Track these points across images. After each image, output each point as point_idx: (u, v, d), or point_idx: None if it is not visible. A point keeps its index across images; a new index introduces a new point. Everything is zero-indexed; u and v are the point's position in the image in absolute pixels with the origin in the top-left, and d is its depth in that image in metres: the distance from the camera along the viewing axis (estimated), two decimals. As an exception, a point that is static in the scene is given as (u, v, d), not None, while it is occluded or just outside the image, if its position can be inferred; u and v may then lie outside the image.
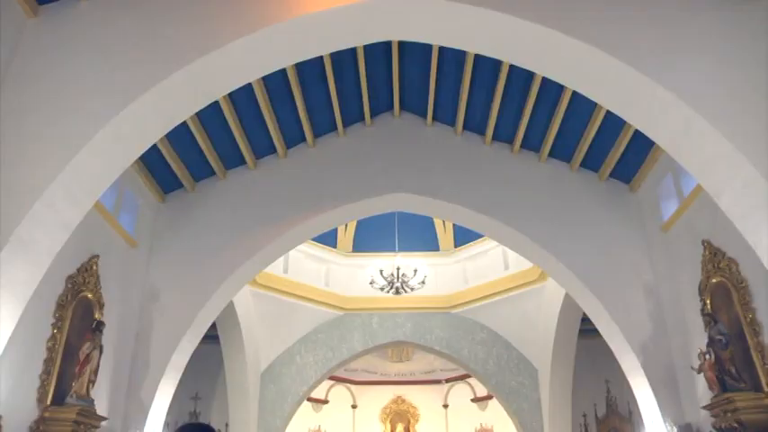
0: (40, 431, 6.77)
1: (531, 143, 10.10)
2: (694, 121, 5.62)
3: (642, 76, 5.75)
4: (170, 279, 9.49)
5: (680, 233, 8.59)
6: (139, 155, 6.63)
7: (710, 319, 7.52)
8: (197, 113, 8.01)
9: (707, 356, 7.43)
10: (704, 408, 7.54)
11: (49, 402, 6.91)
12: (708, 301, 7.69)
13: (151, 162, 9.24)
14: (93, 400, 7.43)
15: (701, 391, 7.82)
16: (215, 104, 8.32)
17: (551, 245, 9.55)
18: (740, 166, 5.45)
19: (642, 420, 9.29)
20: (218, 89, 6.57)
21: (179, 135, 8.72)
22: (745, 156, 5.37)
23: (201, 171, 10.06)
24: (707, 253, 7.75)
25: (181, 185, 10.02)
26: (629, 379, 9.27)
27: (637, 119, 6.35)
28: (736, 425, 6.85)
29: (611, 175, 9.88)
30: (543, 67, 6.63)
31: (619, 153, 9.32)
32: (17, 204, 5.35)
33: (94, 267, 7.95)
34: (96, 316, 7.91)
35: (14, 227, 5.29)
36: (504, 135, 10.21)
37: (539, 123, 9.62)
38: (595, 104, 8.48)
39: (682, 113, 5.69)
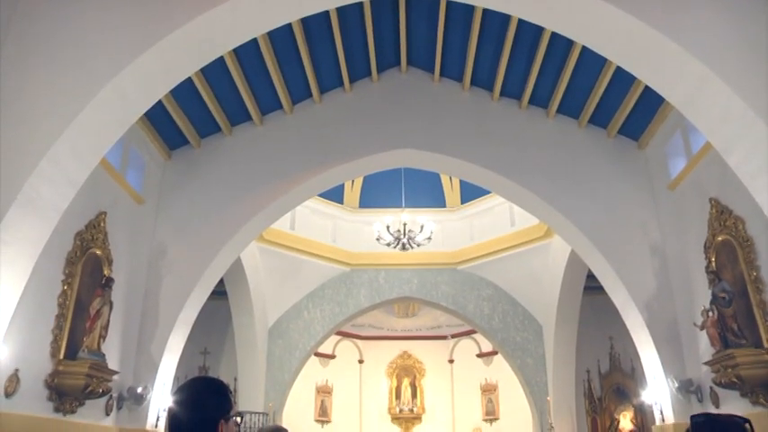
0: (55, 384, 6.96)
1: (540, 99, 9.99)
2: (706, 77, 5.55)
3: (654, 32, 5.65)
4: (177, 236, 9.56)
5: (687, 191, 8.56)
6: (144, 111, 6.61)
7: (715, 276, 7.56)
8: (202, 70, 7.93)
9: (710, 313, 7.50)
10: (706, 364, 7.65)
11: (62, 357, 7.08)
12: (713, 259, 7.72)
13: (157, 119, 9.21)
14: (104, 355, 7.58)
15: (703, 347, 7.90)
16: (220, 61, 8.23)
17: (558, 201, 9.54)
18: (751, 123, 5.40)
19: (645, 376, 9.42)
20: (221, 45, 6.50)
21: (184, 92, 8.65)
22: (756, 113, 5.32)
23: (207, 128, 10.02)
24: (713, 211, 7.74)
25: (187, 142, 10.00)
26: (632, 335, 9.36)
27: (647, 75, 6.27)
28: (735, 380, 6.97)
29: (620, 131, 9.79)
30: (552, 22, 6.51)
31: (628, 110, 9.22)
32: (23, 162, 5.37)
33: (102, 224, 8.02)
34: (105, 272, 8.02)
35: (21, 184, 5.32)
36: (511, 91, 10.09)
37: (547, 79, 9.50)
38: (605, 60, 8.34)
39: (694, 69, 5.61)
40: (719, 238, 7.61)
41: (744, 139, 5.59)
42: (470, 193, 14.53)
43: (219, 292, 12.39)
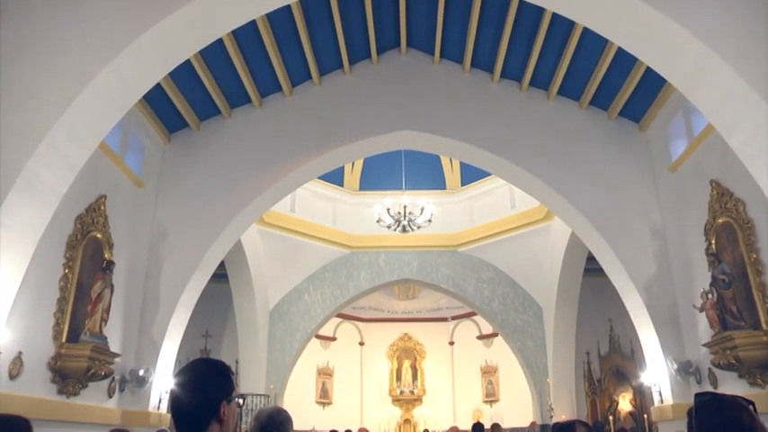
0: (58, 366, 7.00)
1: (540, 81, 9.94)
2: (708, 58, 5.51)
3: (656, 12, 5.61)
4: (178, 219, 9.56)
5: (688, 173, 8.54)
6: (142, 94, 6.58)
7: (715, 258, 7.57)
8: (200, 52, 7.89)
9: (709, 295, 7.52)
10: (704, 345, 7.68)
11: (64, 340, 7.11)
12: (713, 241, 7.72)
13: (156, 102, 9.16)
14: (106, 338, 7.62)
15: (702, 329, 7.93)
16: (219, 43, 8.18)
17: (558, 183, 9.52)
18: (754, 105, 5.37)
19: (644, 358, 9.47)
20: (220, 27, 6.45)
21: (183, 74, 8.62)
22: (758, 95, 5.29)
23: (206, 110, 9.98)
24: (714, 193, 7.73)
25: (186, 125, 9.97)
26: (632, 317, 9.39)
27: (649, 56, 6.23)
28: (734, 361, 7.01)
29: (621, 113, 9.75)
30: (553, 3, 6.46)
31: (629, 91, 9.17)
32: (21, 146, 5.35)
33: (102, 208, 8.02)
34: (106, 255, 8.03)
35: (20, 168, 5.31)
36: (512, 73, 10.04)
37: (548, 61, 9.44)
38: (606, 42, 8.29)
39: (696, 50, 5.57)
40: (720, 221, 7.60)
41: (745, 121, 5.57)
42: (471, 175, 14.52)
43: (220, 275, 12.42)
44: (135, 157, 9.19)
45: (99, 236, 7.92)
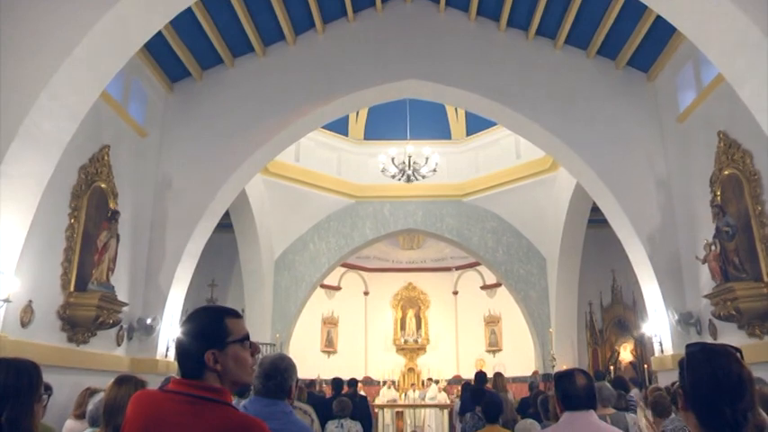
0: (67, 315, 7.12)
1: (547, 29, 9.74)
2: (720, 5, 5.38)
3: (667, -42, 5.46)
4: (182, 168, 9.55)
5: (695, 124, 8.44)
6: (144, 42, 6.50)
7: (719, 210, 7.55)
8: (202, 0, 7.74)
9: (712, 247, 7.54)
10: (706, 297, 7.74)
11: (72, 289, 7.21)
12: (718, 193, 7.69)
13: (158, 51, 9.04)
14: (113, 287, 7.72)
15: (704, 281, 7.98)
16: (220, -11, 8.02)
17: (564, 134, 9.44)
18: (767, 55, 5.26)
19: (645, 309, 9.56)
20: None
21: (185, 22, 8.46)
22: (771, 44, 5.18)
23: (209, 59, 9.85)
24: (721, 144, 7.66)
25: (189, 74, 9.85)
26: (635, 269, 9.44)
27: (659, 3, 6.09)
28: (734, 312, 7.08)
29: (629, 63, 9.58)
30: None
31: (638, 40, 8.99)
32: (23, 96, 5.32)
33: (106, 158, 8.01)
34: (111, 205, 8.06)
35: (22, 119, 5.29)
36: (518, 21, 9.83)
37: (555, 9, 9.24)
38: (616, -12, 8.10)
39: (706, -2, 5.44)
40: (726, 172, 7.56)
41: (757, 71, 5.47)
42: (476, 124, 14.39)
43: (226, 225, 12.49)
44: (138, 106, 9.13)
45: (103, 186, 7.94)
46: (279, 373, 2.65)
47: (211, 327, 1.81)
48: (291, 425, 2.56)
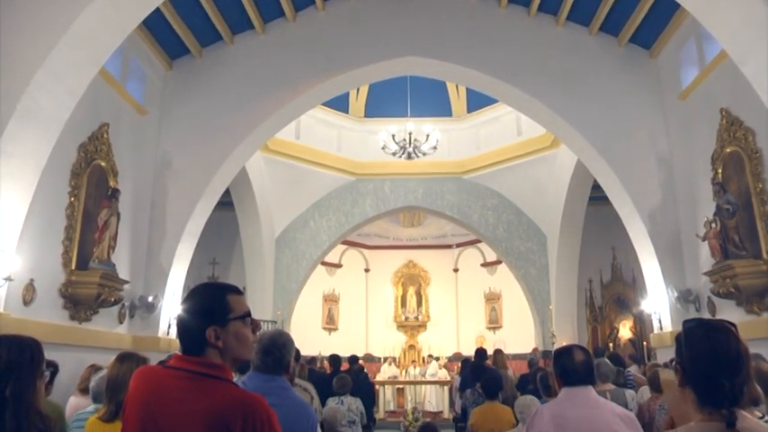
0: (69, 293, 7.14)
1: (549, 6, 9.64)
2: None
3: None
4: (182, 146, 9.52)
5: (698, 101, 8.39)
6: (142, 19, 6.45)
7: (720, 188, 7.54)
8: (200, -26, 7.66)
9: (713, 225, 7.54)
10: (705, 274, 7.75)
11: (73, 267, 7.23)
12: (719, 171, 7.67)
13: (156, 28, 8.95)
14: (114, 265, 7.74)
15: (704, 258, 7.99)
16: (218, -36, 7.93)
17: (566, 110, 9.40)
18: (771, 31, 5.22)
19: (645, 286, 9.59)
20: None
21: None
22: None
23: (208, 37, 9.77)
24: (724, 122, 7.62)
25: (188, 52, 9.78)
26: (635, 246, 9.46)
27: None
28: (733, 290, 7.11)
29: (631, 40, 9.49)
30: None
31: (640, 17, 8.90)
32: (20, 73, 5.29)
33: (105, 135, 7.98)
34: (111, 183, 8.06)
35: (20, 95, 5.26)
36: (521, -4, 9.75)
37: (558, -17, 9.15)
38: (619, -37, 8.00)
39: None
40: (728, 150, 7.53)
41: (761, 48, 5.42)
42: (477, 101, 14.31)
43: (226, 203, 12.50)
44: (137, 84, 9.08)
45: (103, 164, 7.92)
46: (277, 348, 2.67)
47: (213, 303, 1.83)
48: (289, 400, 2.59)
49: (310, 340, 14.91)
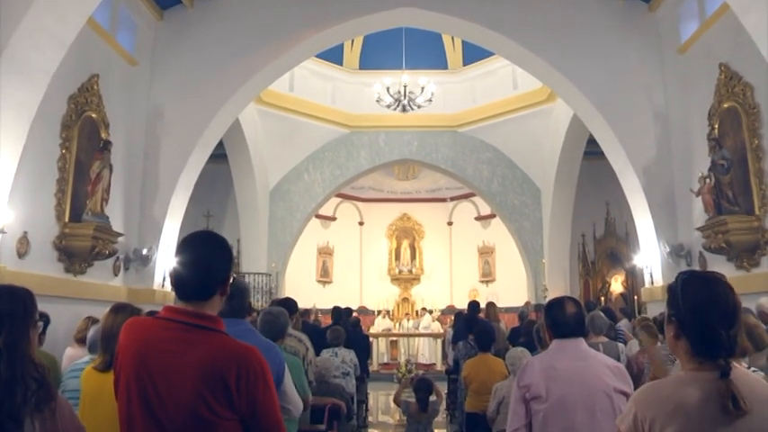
0: (63, 245, 7.15)
1: (549, -45, 9.44)
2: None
3: None
4: (174, 98, 9.39)
5: (697, 55, 8.29)
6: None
7: (716, 143, 7.53)
8: None
9: (707, 180, 7.55)
10: (698, 229, 7.80)
11: (67, 219, 7.21)
12: (716, 126, 7.64)
13: (145, -26, 8.74)
14: (107, 217, 7.72)
15: (697, 213, 8.02)
16: None
17: (562, 64, 9.30)
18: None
19: (638, 241, 9.65)
20: None
21: (172, -56, 8.16)
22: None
23: (199, -16, 9.55)
24: (722, 77, 7.55)
25: (179, 2, 9.55)
26: (629, 200, 9.48)
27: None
28: (724, 245, 7.17)
29: (631, -8, 9.34)
30: None
31: (641, -33, 8.74)
32: (4, 24, 5.16)
33: (95, 87, 7.85)
34: (103, 135, 7.97)
35: (3, 47, 5.14)
36: (519, -55, 9.52)
37: (558, -68, 8.93)
38: None
39: None
40: (725, 105, 7.48)
41: None
42: (473, 54, 14.12)
43: (220, 155, 12.41)
44: (127, 35, 8.88)
45: (94, 116, 7.81)
46: (239, 292, 2.79)
47: (227, 254, 1.90)
48: (258, 341, 2.67)
49: (305, 293, 15.00)
